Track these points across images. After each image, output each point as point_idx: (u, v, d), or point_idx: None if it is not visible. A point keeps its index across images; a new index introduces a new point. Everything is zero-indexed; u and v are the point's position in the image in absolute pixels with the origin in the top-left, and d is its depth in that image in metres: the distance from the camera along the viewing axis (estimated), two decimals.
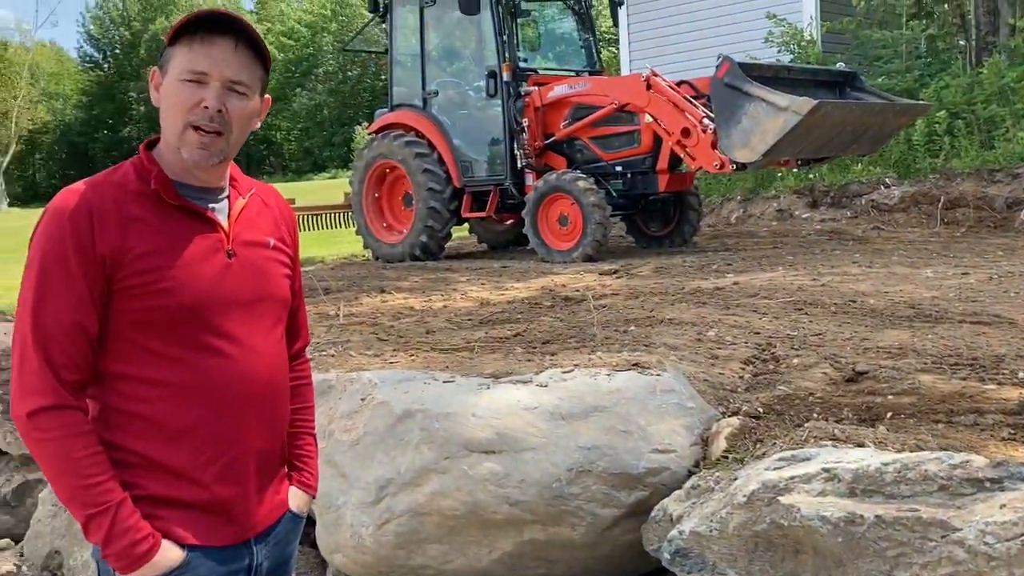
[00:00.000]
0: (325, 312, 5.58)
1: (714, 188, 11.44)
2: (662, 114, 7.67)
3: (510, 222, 9.58)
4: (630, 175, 8.28)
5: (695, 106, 7.47)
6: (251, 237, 1.82)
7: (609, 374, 3.23)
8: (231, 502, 1.79)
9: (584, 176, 7.95)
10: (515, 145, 8.52)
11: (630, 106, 7.98)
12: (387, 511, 3.06)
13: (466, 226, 10.25)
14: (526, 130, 8.43)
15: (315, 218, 12.48)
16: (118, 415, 1.72)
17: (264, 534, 1.87)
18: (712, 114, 7.28)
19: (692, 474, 2.87)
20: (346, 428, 3.29)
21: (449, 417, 3.05)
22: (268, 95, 1.84)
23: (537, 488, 2.89)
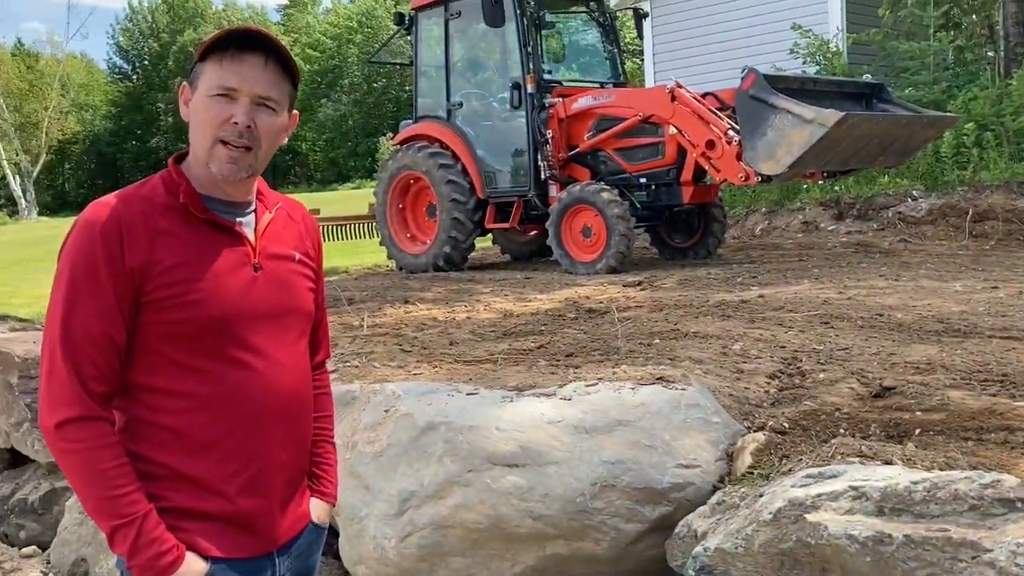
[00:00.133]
0: (349, 323, 5.60)
1: (739, 200, 11.38)
2: (687, 126, 7.65)
3: (533, 233, 9.58)
4: (654, 187, 8.26)
5: (720, 118, 7.44)
6: (277, 251, 1.84)
7: (633, 388, 3.22)
8: (255, 515, 1.80)
9: (608, 188, 7.94)
10: (539, 156, 8.53)
11: (654, 118, 7.96)
12: (410, 523, 3.06)
13: (489, 237, 10.26)
14: (550, 141, 8.44)
15: (339, 229, 12.55)
16: (144, 427, 1.73)
17: (287, 546, 1.87)
18: (737, 126, 7.25)
19: (717, 490, 2.85)
20: (369, 440, 3.29)
21: (472, 430, 3.04)
22: (296, 110, 1.85)
23: (561, 502, 2.88)
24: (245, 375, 1.75)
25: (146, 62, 62.80)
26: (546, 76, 8.88)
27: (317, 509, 1.97)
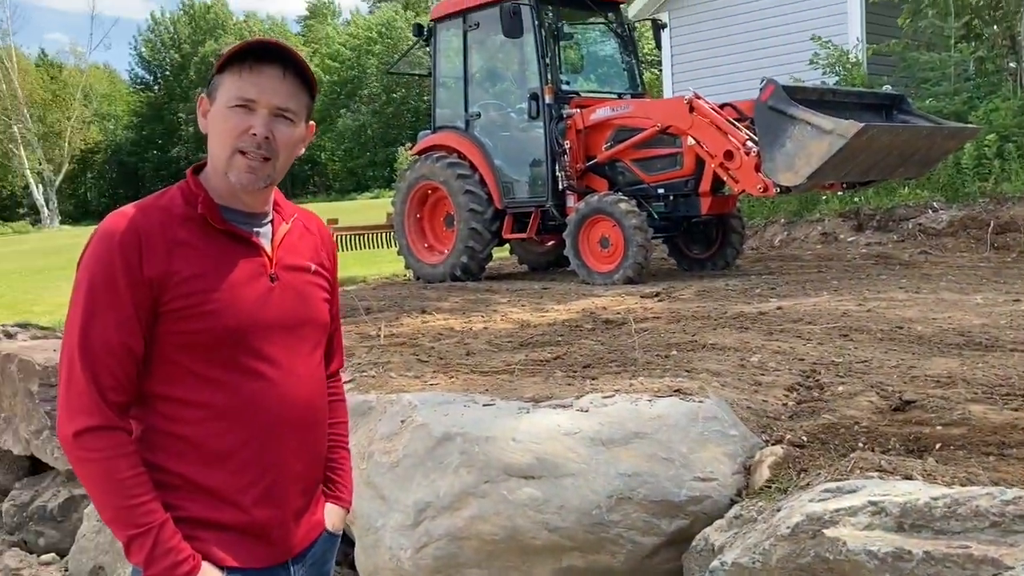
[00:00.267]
0: (366, 332, 5.61)
1: (757, 210, 11.34)
2: (705, 137, 7.63)
3: (551, 243, 9.58)
4: (672, 197, 8.24)
5: (738, 129, 7.42)
6: (293, 262, 1.85)
7: (650, 400, 3.20)
8: (270, 525, 1.80)
9: (626, 198, 7.94)
10: (557, 167, 8.54)
11: (672, 128, 7.95)
12: (426, 534, 3.05)
13: (507, 247, 10.27)
14: (568, 152, 8.45)
15: (357, 239, 12.58)
16: (161, 436, 1.74)
17: (301, 555, 1.88)
18: (755, 137, 7.23)
19: (734, 503, 2.83)
20: (386, 450, 3.29)
21: (489, 441, 3.04)
22: (312, 121, 1.87)
23: (577, 514, 2.87)
24: (261, 385, 1.76)
25: (167, 73, 63.44)
26: (564, 87, 8.89)
27: (332, 515, 1.98)
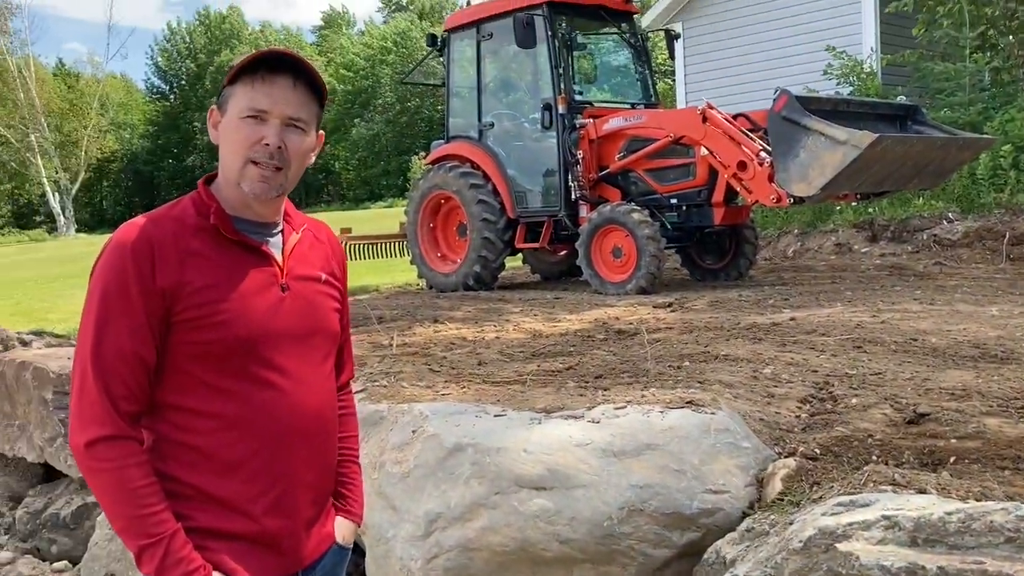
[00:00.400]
0: (378, 341, 5.62)
1: (771, 221, 11.31)
2: (718, 147, 7.62)
3: (563, 253, 9.58)
4: (685, 207, 8.23)
5: (751, 139, 7.40)
6: (304, 272, 1.86)
7: (662, 411, 3.19)
8: (280, 535, 1.80)
9: (639, 208, 7.93)
10: (569, 177, 8.55)
11: (685, 139, 7.95)
12: (436, 545, 3.04)
13: (519, 256, 10.28)
14: (580, 162, 8.45)
15: (370, 248, 12.61)
16: (172, 446, 1.74)
17: (311, 567, 1.89)
18: (769, 147, 7.21)
19: (746, 516, 2.81)
20: (397, 460, 3.29)
21: (500, 452, 3.03)
22: (322, 131, 1.88)
23: (588, 526, 2.86)
24: (272, 395, 1.77)
25: (183, 82, 63.87)
26: (577, 97, 8.91)
27: (342, 528, 1.98)
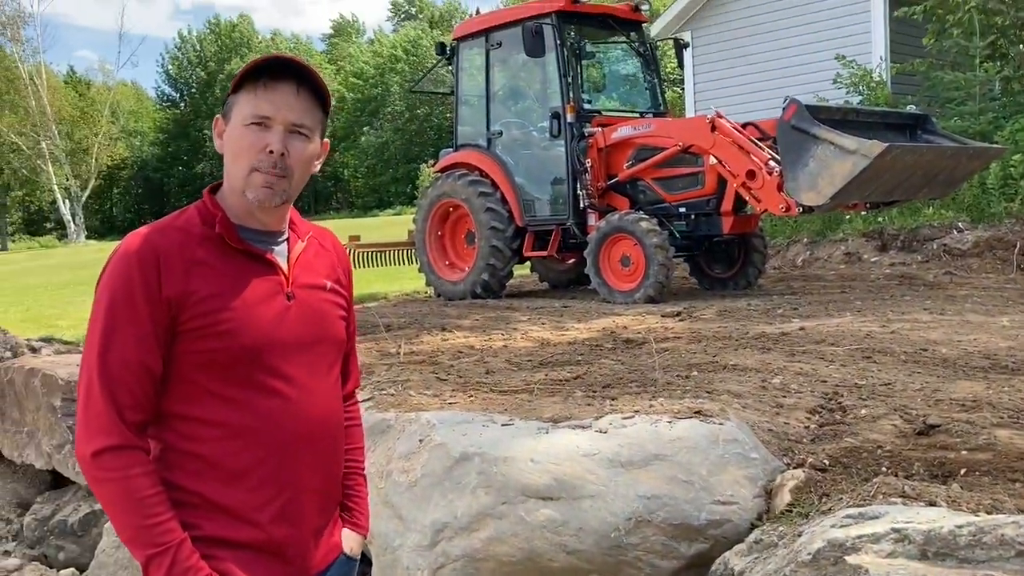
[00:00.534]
0: (386, 349, 5.62)
1: (780, 230, 11.28)
2: (727, 156, 7.61)
3: (572, 262, 9.57)
4: (694, 216, 8.21)
5: (761, 148, 7.39)
6: (309, 280, 1.85)
7: (670, 421, 3.18)
8: (287, 543, 1.80)
9: (647, 217, 7.92)
10: (578, 185, 8.54)
11: (694, 148, 7.94)
12: (443, 555, 3.04)
13: (528, 265, 10.27)
14: (589, 170, 8.45)
15: (379, 255, 12.61)
16: (178, 455, 1.74)
17: None
18: (778, 156, 7.20)
19: (755, 527, 2.79)
20: (404, 469, 3.28)
21: (507, 461, 3.02)
22: (327, 139, 1.88)
23: (595, 537, 2.84)
24: (278, 404, 1.76)
25: (193, 90, 64.17)
26: (586, 106, 8.92)
27: (349, 540, 1.97)
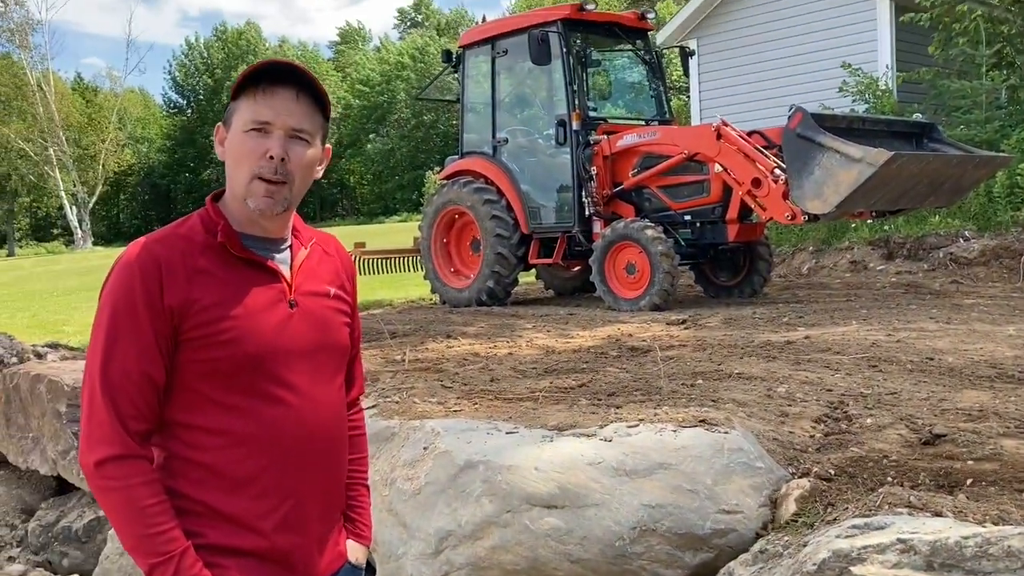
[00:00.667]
0: (391, 356, 5.62)
1: (785, 238, 11.27)
2: (732, 164, 7.61)
3: (577, 269, 9.57)
4: (699, 224, 8.22)
5: (766, 156, 7.39)
6: (312, 287, 1.85)
7: (675, 430, 3.17)
8: (291, 551, 1.80)
9: (652, 225, 7.92)
10: (583, 193, 8.55)
11: (700, 155, 7.94)
12: (447, 563, 3.03)
13: (533, 272, 10.27)
14: (594, 178, 8.46)
15: (384, 262, 12.63)
16: (182, 464, 1.74)
17: None
18: (784, 164, 7.19)
19: (760, 537, 2.78)
20: (408, 477, 3.28)
21: (511, 469, 3.02)
22: (328, 145, 1.87)
23: (600, 545, 2.84)
24: (281, 411, 1.76)
25: (200, 97, 64.36)
26: (591, 113, 8.92)
27: (354, 550, 1.97)
